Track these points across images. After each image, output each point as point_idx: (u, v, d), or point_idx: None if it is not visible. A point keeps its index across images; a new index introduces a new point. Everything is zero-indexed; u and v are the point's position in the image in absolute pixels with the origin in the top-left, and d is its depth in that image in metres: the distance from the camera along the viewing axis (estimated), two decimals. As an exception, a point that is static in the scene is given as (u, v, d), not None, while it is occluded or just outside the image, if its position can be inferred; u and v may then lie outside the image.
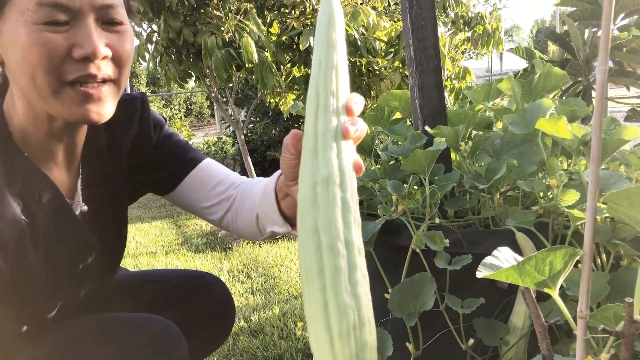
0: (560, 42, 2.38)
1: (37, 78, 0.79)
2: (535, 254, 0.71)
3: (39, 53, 0.77)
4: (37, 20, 0.77)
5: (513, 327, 1.17)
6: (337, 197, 0.64)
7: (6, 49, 0.80)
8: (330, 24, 0.68)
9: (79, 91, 0.81)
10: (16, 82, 0.83)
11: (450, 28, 4.87)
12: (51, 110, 0.83)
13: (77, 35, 0.79)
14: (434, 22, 1.37)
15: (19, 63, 0.79)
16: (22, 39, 0.77)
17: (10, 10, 0.77)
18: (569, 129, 1.14)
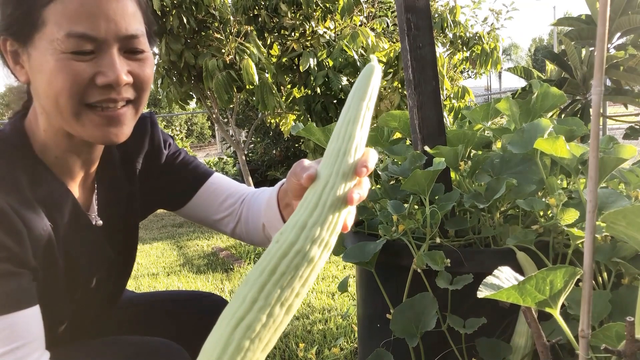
0: (558, 61, 2.40)
1: (60, 101, 0.83)
2: (536, 273, 0.71)
3: (65, 79, 0.82)
4: (64, 49, 0.81)
5: (515, 346, 1.17)
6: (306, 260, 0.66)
7: (34, 72, 0.85)
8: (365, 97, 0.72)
9: (100, 114, 0.86)
10: (40, 102, 0.88)
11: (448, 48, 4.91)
12: (72, 130, 0.88)
13: (102, 64, 0.84)
14: (432, 43, 1.39)
15: (44, 87, 0.83)
16: (50, 66, 0.81)
17: (40, 38, 0.82)
18: (567, 148, 1.15)
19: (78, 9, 0.81)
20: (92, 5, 0.81)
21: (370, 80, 0.72)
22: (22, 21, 0.82)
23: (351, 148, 0.70)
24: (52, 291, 0.92)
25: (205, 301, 1.29)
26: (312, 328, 2.31)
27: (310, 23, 3.47)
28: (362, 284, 1.49)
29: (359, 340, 1.61)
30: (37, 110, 0.91)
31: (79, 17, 0.81)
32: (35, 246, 0.85)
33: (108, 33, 0.83)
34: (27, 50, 0.84)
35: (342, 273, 3.23)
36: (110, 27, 0.83)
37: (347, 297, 2.71)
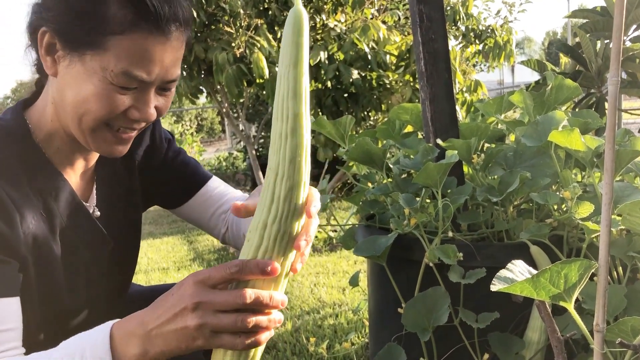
0: (572, 54, 2.37)
1: (85, 118, 0.87)
2: (550, 266, 0.70)
3: (102, 107, 0.85)
4: (114, 82, 0.84)
5: (529, 341, 1.16)
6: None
7: (70, 80, 0.86)
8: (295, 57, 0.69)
9: (116, 135, 0.91)
10: (62, 106, 0.89)
11: (461, 41, 4.87)
12: (80, 139, 0.91)
13: (139, 100, 0.88)
14: (445, 35, 1.38)
15: (77, 100, 0.86)
16: (93, 89, 0.84)
17: (93, 58, 0.83)
18: (582, 141, 1.13)
19: (141, 53, 0.84)
20: (156, 52, 0.85)
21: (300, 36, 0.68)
22: (83, 35, 0.83)
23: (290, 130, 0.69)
24: (50, 280, 0.93)
25: None
26: (323, 323, 2.31)
27: (320, 16, 3.45)
28: (374, 278, 1.48)
29: (370, 335, 1.61)
30: (48, 99, 0.92)
31: (140, 60, 0.84)
32: (27, 234, 0.87)
33: (157, 78, 0.87)
34: (70, 56, 0.85)
35: (352, 268, 3.23)
36: (162, 73, 0.88)
37: (358, 292, 2.71)
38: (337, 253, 3.66)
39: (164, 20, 0.85)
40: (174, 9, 0.87)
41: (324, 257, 3.57)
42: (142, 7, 0.83)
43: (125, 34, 0.82)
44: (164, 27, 0.85)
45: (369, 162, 1.41)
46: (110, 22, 0.82)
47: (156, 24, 0.84)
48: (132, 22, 0.82)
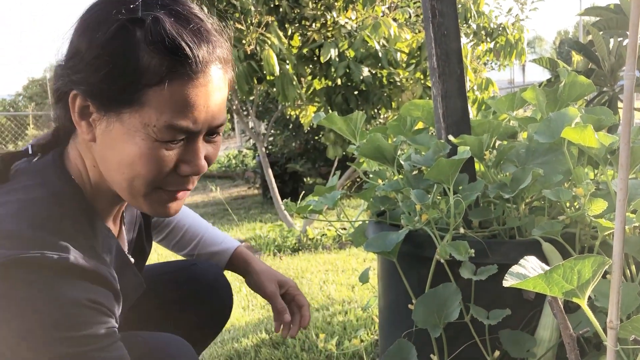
0: (585, 52, 2.35)
1: (136, 183, 0.81)
2: (564, 262, 0.69)
3: (151, 168, 0.80)
4: (159, 138, 0.78)
5: (540, 339, 1.15)
6: None
7: (111, 143, 0.80)
8: None
9: (170, 194, 0.85)
10: (107, 171, 0.83)
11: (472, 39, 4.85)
12: (132, 204, 0.86)
13: (187, 152, 0.82)
14: (457, 31, 1.37)
15: (121, 165, 0.80)
16: (137, 150, 0.78)
17: (131, 116, 0.78)
18: (596, 138, 1.13)
19: (183, 101, 0.77)
20: (198, 98, 0.79)
21: None
22: (117, 93, 0.77)
23: None
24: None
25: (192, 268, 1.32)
26: (332, 320, 2.31)
27: (331, 13, 3.45)
28: (384, 274, 1.48)
29: (380, 332, 1.61)
30: (85, 161, 0.86)
31: (183, 109, 0.78)
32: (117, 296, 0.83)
33: (204, 125, 0.81)
34: (107, 117, 0.79)
35: (361, 266, 3.23)
36: (208, 119, 0.81)
37: (367, 289, 2.70)
38: (346, 251, 3.66)
39: (203, 63, 0.78)
40: (212, 47, 0.80)
41: (333, 255, 3.57)
42: (176, 51, 0.76)
43: (163, 83, 0.76)
44: (204, 70, 0.79)
45: (380, 158, 1.41)
46: (145, 74, 0.76)
47: (194, 67, 0.77)
48: (168, 69, 0.76)
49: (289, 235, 3.97)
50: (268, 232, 4.15)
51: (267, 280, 1.28)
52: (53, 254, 0.73)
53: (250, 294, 2.84)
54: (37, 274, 0.71)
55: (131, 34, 0.76)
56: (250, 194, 7.41)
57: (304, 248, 3.82)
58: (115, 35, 0.76)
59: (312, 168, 6.55)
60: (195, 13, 0.82)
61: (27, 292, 0.70)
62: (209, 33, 0.82)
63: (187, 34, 0.78)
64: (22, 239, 0.73)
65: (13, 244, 0.72)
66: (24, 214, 0.77)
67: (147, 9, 0.78)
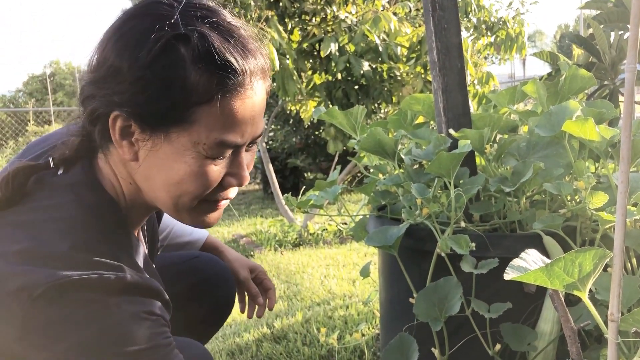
0: (586, 45, 2.34)
1: (183, 200, 0.81)
2: (565, 255, 0.69)
3: (200, 185, 0.79)
4: (208, 155, 0.78)
5: (541, 332, 1.15)
6: None
7: (156, 163, 0.79)
8: None
9: (213, 206, 0.85)
10: (150, 189, 0.83)
11: (472, 33, 4.84)
12: (175, 217, 0.86)
13: (233, 165, 0.82)
14: (457, 24, 1.37)
15: (169, 184, 0.80)
16: (187, 168, 0.78)
17: (180, 135, 0.76)
18: (597, 131, 1.12)
19: (232, 116, 0.77)
20: (246, 112, 0.78)
21: None
22: (164, 114, 0.75)
23: None
24: None
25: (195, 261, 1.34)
26: (333, 314, 2.31)
27: (331, 7, 3.44)
28: (385, 268, 1.48)
29: (381, 326, 1.61)
30: (119, 177, 0.85)
31: (232, 124, 0.77)
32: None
33: (250, 137, 0.82)
34: (153, 138, 0.77)
35: (362, 260, 3.23)
36: (254, 131, 0.81)
37: (368, 283, 2.71)
38: (347, 245, 3.66)
39: (249, 76, 0.77)
40: (255, 59, 0.79)
41: (334, 250, 3.58)
42: (225, 68, 0.75)
43: (212, 100, 0.75)
44: (250, 83, 0.78)
45: (381, 152, 1.41)
46: (194, 92, 0.74)
47: (242, 82, 0.76)
48: (217, 86, 0.74)
49: (289, 230, 3.97)
50: (269, 227, 4.16)
51: (240, 267, 1.34)
52: (110, 274, 0.73)
53: (251, 288, 2.83)
54: (95, 293, 0.71)
55: (177, 51, 0.73)
56: (251, 189, 7.41)
57: (304, 243, 3.82)
58: (160, 54, 0.73)
59: (313, 163, 6.55)
60: (234, 23, 0.80)
61: (87, 312, 0.70)
62: (251, 44, 0.80)
63: (234, 48, 0.76)
64: (73, 260, 0.72)
65: (65, 265, 0.71)
66: (69, 233, 0.75)
67: (188, 23, 0.75)
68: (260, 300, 1.33)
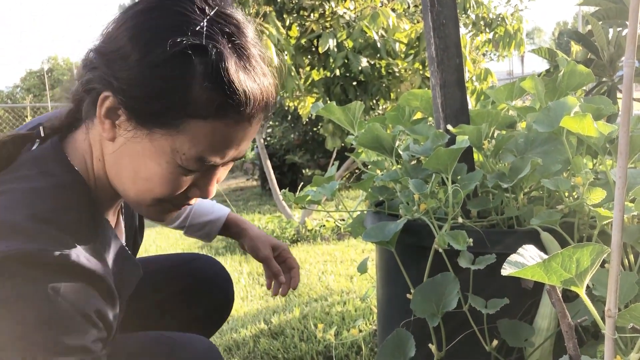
0: (584, 42, 2.34)
1: (145, 196, 0.81)
2: (562, 251, 0.69)
3: (167, 189, 0.80)
4: (183, 165, 0.77)
5: (538, 328, 1.15)
6: None
7: (130, 153, 0.78)
8: None
9: (171, 208, 0.86)
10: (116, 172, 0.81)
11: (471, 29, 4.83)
12: (132, 207, 0.88)
13: (202, 180, 0.83)
14: (456, 20, 1.36)
15: (137, 177, 0.79)
16: (158, 170, 0.78)
17: (163, 138, 0.75)
18: (595, 127, 1.12)
19: (222, 140, 0.77)
20: (237, 138, 0.78)
21: None
22: (156, 114, 0.74)
23: None
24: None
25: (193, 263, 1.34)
26: (331, 310, 2.31)
27: (329, 3, 3.43)
28: (382, 264, 1.48)
29: (379, 322, 1.61)
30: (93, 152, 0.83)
31: (218, 146, 0.77)
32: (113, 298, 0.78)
33: (230, 159, 0.81)
34: (136, 130, 0.76)
35: (360, 256, 3.23)
36: (235, 154, 0.81)
37: (365, 279, 2.71)
38: (344, 242, 3.67)
39: (251, 110, 0.76)
40: (264, 93, 0.78)
41: (332, 246, 3.58)
42: (232, 96, 0.73)
43: (208, 119, 0.74)
44: (251, 117, 0.77)
45: (379, 148, 1.41)
46: (191, 105, 0.73)
47: (242, 113, 0.75)
48: (218, 108, 0.73)
49: (287, 227, 3.97)
50: (267, 224, 4.15)
51: (262, 244, 1.33)
52: (54, 249, 0.69)
53: (249, 285, 2.84)
54: (35, 270, 0.68)
55: (191, 62, 0.72)
56: (249, 185, 7.41)
57: (302, 239, 3.82)
58: (174, 58, 0.72)
59: (311, 159, 6.55)
60: (254, 50, 0.78)
61: (24, 289, 0.67)
62: (265, 74, 0.79)
63: (246, 79, 0.75)
64: (23, 232, 0.70)
65: (14, 237, 0.69)
66: (25, 204, 0.73)
67: (212, 37, 0.73)
68: (282, 278, 1.32)
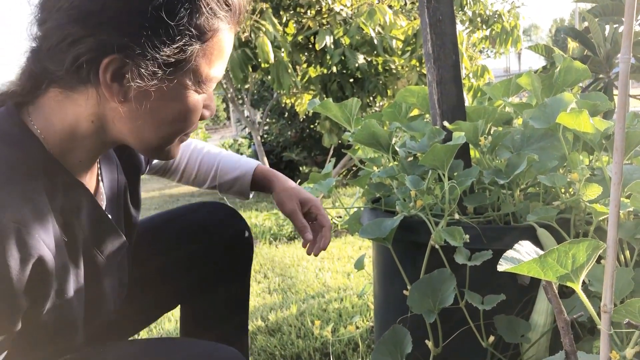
0: (580, 38, 2.34)
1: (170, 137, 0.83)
2: (558, 246, 0.69)
3: (189, 121, 0.82)
4: (200, 91, 0.81)
5: (534, 324, 1.15)
6: None
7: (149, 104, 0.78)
8: None
9: (182, 139, 0.87)
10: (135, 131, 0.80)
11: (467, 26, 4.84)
12: (146, 154, 0.87)
13: (208, 98, 0.85)
14: (452, 16, 1.36)
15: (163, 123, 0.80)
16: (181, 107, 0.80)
17: (179, 76, 0.78)
18: (591, 123, 1.12)
19: (223, 52, 0.81)
20: (230, 45, 0.82)
21: None
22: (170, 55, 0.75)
23: None
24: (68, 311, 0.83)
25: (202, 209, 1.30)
26: (328, 307, 2.31)
27: (326, 0, 3.43)
28: (379, 261, 1.48)
29: (375, 318, 1.61)
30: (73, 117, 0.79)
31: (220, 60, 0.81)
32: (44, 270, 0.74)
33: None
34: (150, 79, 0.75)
35: (357, 253, 3.23)
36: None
37: (362, 276, 2.71)
38: (342, 239, 3.67)
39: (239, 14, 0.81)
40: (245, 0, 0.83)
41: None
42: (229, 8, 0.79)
43: (213, 39, 0.78)
44: (240, 20, 0.82)
45: (375, 144, 1.41)
46: (199, 34, 0.76)
47: (235, 20, 0.80)
48: (218, 24, 0.78)
49: (284, 224, 3.97)
50: (264, 221, 4.15)
51: (288, 198, 1.27)
52: None
53: (246, 282, 2.83)
54: None
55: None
56: (246, 182, 7.39)
57: (299, 236, 3.82)
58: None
59: (308, 157, 6.54)
60: None
61: None
62: None
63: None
64: None
65: None
66: None
67: None
68: (308, 235, 1.24)
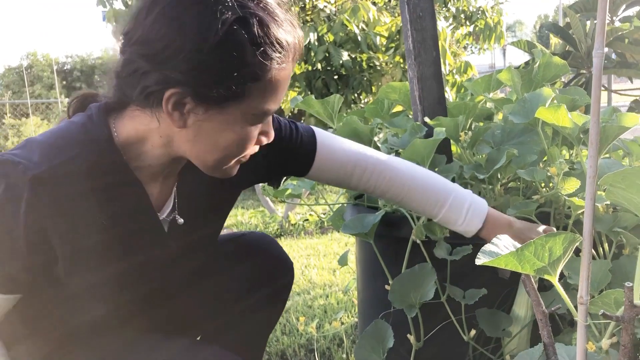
0: (562, 34, 2.36)
1: (224, 160, 0.89)
2: (535, 240, 0.70)
3: (242, 148, 0.88)
4: (253, 123, 0.87)
5: (515, 317, 1.16)
6: None
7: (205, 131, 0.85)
8: None
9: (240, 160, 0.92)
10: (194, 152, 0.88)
11: (451, 22, 4.85)
12: (209, 172, 0.92)
13: (265, 125, 0.91)
14: (433, 13, 1.37)
15: (215, 149, 0.87)
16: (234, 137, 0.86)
17: (233, 108, 0.83)
18: (569, 118, 1.13)
19: (278, 88, 0.86)
20: (286, 81, 0.88)
21: None
22: (222, 91, 0.81)
23: None
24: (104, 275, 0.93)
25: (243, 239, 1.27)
26: (313, 303, 2.32)
27: (310, -3, 3.42)
28: (362, 256, 1.49)
29: (359, 313, 1.62)
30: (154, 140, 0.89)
31: (276, 95, 0.86)
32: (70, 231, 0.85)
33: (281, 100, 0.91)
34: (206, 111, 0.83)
35: (343, 250, 3.24)
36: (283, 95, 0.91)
37: (348, 273, 2.72)
38: (328, 235, 3.67)
39: (294, 52, 0.86)
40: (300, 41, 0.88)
41: (315, 240, 3.58)
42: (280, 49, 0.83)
43: (267, 76, 0.83)
44: (294, 58, 0.87)
45: (357, 141, 1.40)
46: (252, 72, 0.81)
47: (288, 58, 0.85)
48: (270, 64, 0.82)
49: (271, 221, 3.97)
50: (250, 219, 4.15)
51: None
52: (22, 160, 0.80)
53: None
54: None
55: (240, 35, 0.79)
56: (232, 180, 7.37)
57: (286, 234, 3.82)
58: (225, 38, 0.78)
59: (294, 154, 6.53)
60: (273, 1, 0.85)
61: None
62: (292, 20, 0.87)
63: (284, 31, 0.83)
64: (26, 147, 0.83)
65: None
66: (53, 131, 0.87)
67: (243, 6, 0.80)
68: None
